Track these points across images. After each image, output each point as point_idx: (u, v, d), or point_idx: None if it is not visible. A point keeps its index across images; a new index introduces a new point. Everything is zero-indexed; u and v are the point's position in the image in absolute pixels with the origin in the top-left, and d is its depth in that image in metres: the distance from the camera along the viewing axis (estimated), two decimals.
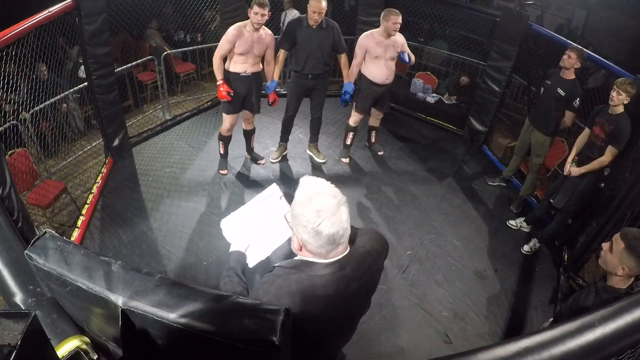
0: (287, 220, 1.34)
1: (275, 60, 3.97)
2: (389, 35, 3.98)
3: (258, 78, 3.92)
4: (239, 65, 3.74)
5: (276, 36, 3.98)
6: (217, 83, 3.73)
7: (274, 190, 1.64)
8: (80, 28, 3.66)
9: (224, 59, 3.76)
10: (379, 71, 4.13)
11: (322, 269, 1.26)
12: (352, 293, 1.31)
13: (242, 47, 3.62)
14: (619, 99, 3.15)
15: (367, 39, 4.05)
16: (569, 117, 3.68)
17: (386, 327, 3.06)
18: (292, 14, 6.02)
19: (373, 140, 4.92)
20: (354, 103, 4.43)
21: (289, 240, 1.38)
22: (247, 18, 3.62)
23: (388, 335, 3.01)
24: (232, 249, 1.58)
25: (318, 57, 3.92)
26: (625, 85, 3.12)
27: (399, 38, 4.11)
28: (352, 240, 1.34)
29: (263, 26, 3.64)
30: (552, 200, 3.69)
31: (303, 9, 5.69)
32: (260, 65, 3.89)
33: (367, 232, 1.43)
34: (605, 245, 1.90)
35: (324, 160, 4.59)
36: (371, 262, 1.37)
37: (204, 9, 5.74)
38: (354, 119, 4.51)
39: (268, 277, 1.31)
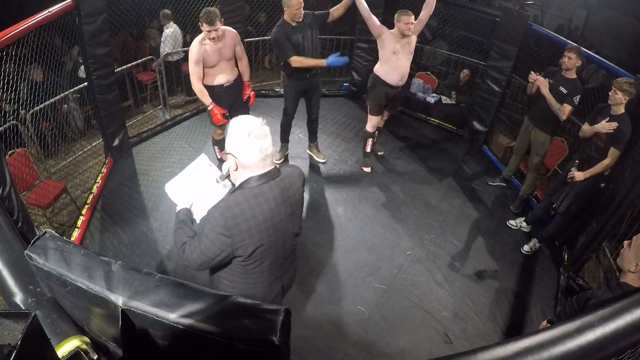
0: (226, 153, 1.64)
1: (305, 63, 3.75)
2: (403, 36, 3.87)
3: (239, 82, 3.76)
4: (220, 77, 3.58)
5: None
6: (208, 108, 3.55)
7: (203, 159, 1.99)
8: (80, 28, 3.66)
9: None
10: (394, 72, 3.98)
11: (257, 180, 1.61)
12: (284, 200, 1.66)
13: (211, 60, 3.45)
14: (616, 99, 3.14)
15: (388, 30, 3.91)
16: (566, 109, 3.60)
17: (386, 327, 3.06)
18: (172, 29, 5.50)
19: (375, 139, 4.79)
20: (367, 106, 4.31)
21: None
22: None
23: (388, 335, 3.01)
24: (178, 208, 1.89)
25: (310, 52, 3.81)
26: (621, 84, 3.11)
27: (414, 36, 4.00)
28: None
29: (223, 28, 3.44)
30: (555, 205, 3.65)
31: (183, 24, 5.68)
32: (236, 69, 3.71)
33: (285, 165, 1.77)
34: (626, 243, 1.92)
35: (324, 160, 4.59)
36: (293, 180, 1.72)
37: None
38: (371, 123, 4.36)
39: (213, 207, 1.61)
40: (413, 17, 3.79)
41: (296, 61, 3.74)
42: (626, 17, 7.59)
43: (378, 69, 4.06)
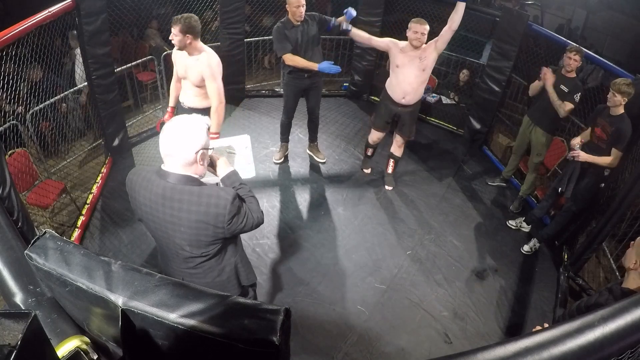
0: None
1: (297, 62, 3.71)
2: (414, 47, 3.50)
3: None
4: (181, 93, 3.32)
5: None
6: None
7: (243, 139, 2.34)
8: (80, 28, 3.66)
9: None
10: (396, 86, 3.68)
11: (157, 169, 1.66)
12: (164, 204, 1.63)
13: (178, 69, 3.20)
14: (615, 101, 3.13)
15: (392, 42, 3.63)
16: (567, 106, 3.60)
17: (386, 327, 3.06)
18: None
19: (390, 169, 4.36)
20: (372, 119, 4.03)
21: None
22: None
23: (388, 335, 3.01)
24: (229, 172, 1.86)
25: (308, 53, 3.82)
26: (620, 86, 3.09)
27: (428, 47, 3.55)
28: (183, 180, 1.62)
29: (200, 47, 3.06)
30: (561, 190, 3.58)
31: None
32: (205, 101, 3.21)
33: (210, 193, 1.63)
34: (633, 243, 1.95)
35: (324, 160, 4.59)
36: (186, 202, 1.60)
37: (204, 9, 5.74)
38: (371, 137, 4.23)
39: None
40: (426, 27, 3.44)
41: (289, 59, 3.75)
42: (626, 17, 7.60)
43: (387, 82, 3.84)
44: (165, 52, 5.43)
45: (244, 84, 5.71)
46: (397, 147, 4.19)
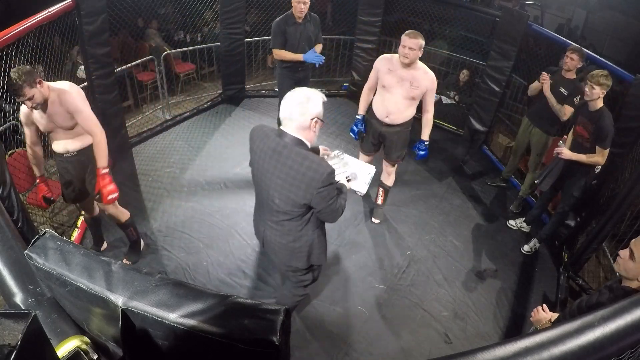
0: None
1: (283, 56, 3.93)
2: (403, 65, 3.06)
3: (86, 158, 2.83)
4: (55, 145, 2.78)
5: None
6: (36, 182, 2.70)
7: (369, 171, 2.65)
8: (80, 28, 3.66)
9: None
10: (381, 104, 3.28)
11: (273, 128, 2.04)
12: (276, 160, 1.92)
13: (39, 125, 2.64)
14: (594, 94, 3.03)
15: (381, 62, 3.22)
16: (567, 110, 3.59)
17: (386, 327, 3.06)
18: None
19: (380, 200, 3.88)
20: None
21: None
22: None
23: (388, 335, 3.01)
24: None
25: (306, 50, 4.00)
26: (598, 78, 2.99)
27: (423, 77, 3.08)
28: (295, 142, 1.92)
29: (53, 88, 2.55)
30: (537, 182, 3.58)
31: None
32: (87, 138, 2.79)
33: (314, 159, 1.88)
34: (623, 253, 1.82)
35: None
36: (297, 162, 1.87)
37: (204, 9, 5.74)
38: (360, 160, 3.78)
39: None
40: (416, 41, 2.93)
41: (277, 53, 3.96)
42: (626, 17, 7.60)
43: (373, 99, 3.41)
44: (166, 52, 5.44)
45: (244, 84, 5.72)
46: (386, 176, 3.75)
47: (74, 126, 2.70)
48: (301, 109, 1.86)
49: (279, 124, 2.01)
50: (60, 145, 2.77)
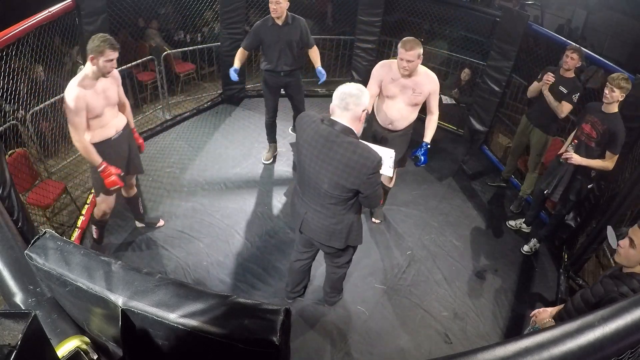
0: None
1: (236, 57, 3.93)
2: (405, 74, 2.98)
3: (128, 129, 3.02)
4: (105, 130, 2.81)
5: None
6: (99, 169, 2.76)
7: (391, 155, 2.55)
8: (80, 28, 3.66)
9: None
10: (383, 111, 3.22)
11: (321, 117, 2.12)
12: (323, 147, 2.05)
13: (95, 107, 2.67)
14: (613, 96, 3.00)
15: (383, 70, 3.07)
16: (566, 107, 3.56)
17: (386, 327, 3.06)
18: None
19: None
20: None
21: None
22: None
23: (388, 335, 3.01)
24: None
25: (288, 54, 3.88)
26: (618, 81, 2.96)
27: (426, 81, 3.01)
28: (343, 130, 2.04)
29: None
30: (546, 192, 3.49)
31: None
32: (120, 113, 2.94)
33: (365, 148, 2.03)
34: (623, 242, 1.84)
35: None
36: (345, 149, 2.01)
37: (204, 9, 5.74)
38: None
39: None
40: (413, 52, 2.81)
41: (238, 52, 3.95)
42: (626, 17, 7.60)
43: (375, 103, 3.30)
44: (166, 52, 5.44)
45: (244, 84, 5.72)
46: (388, 179, 3.66)
47: (117, 100, 2.87)
48: (357, 100, 1.98)
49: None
50: (111, 127, 2.84)
